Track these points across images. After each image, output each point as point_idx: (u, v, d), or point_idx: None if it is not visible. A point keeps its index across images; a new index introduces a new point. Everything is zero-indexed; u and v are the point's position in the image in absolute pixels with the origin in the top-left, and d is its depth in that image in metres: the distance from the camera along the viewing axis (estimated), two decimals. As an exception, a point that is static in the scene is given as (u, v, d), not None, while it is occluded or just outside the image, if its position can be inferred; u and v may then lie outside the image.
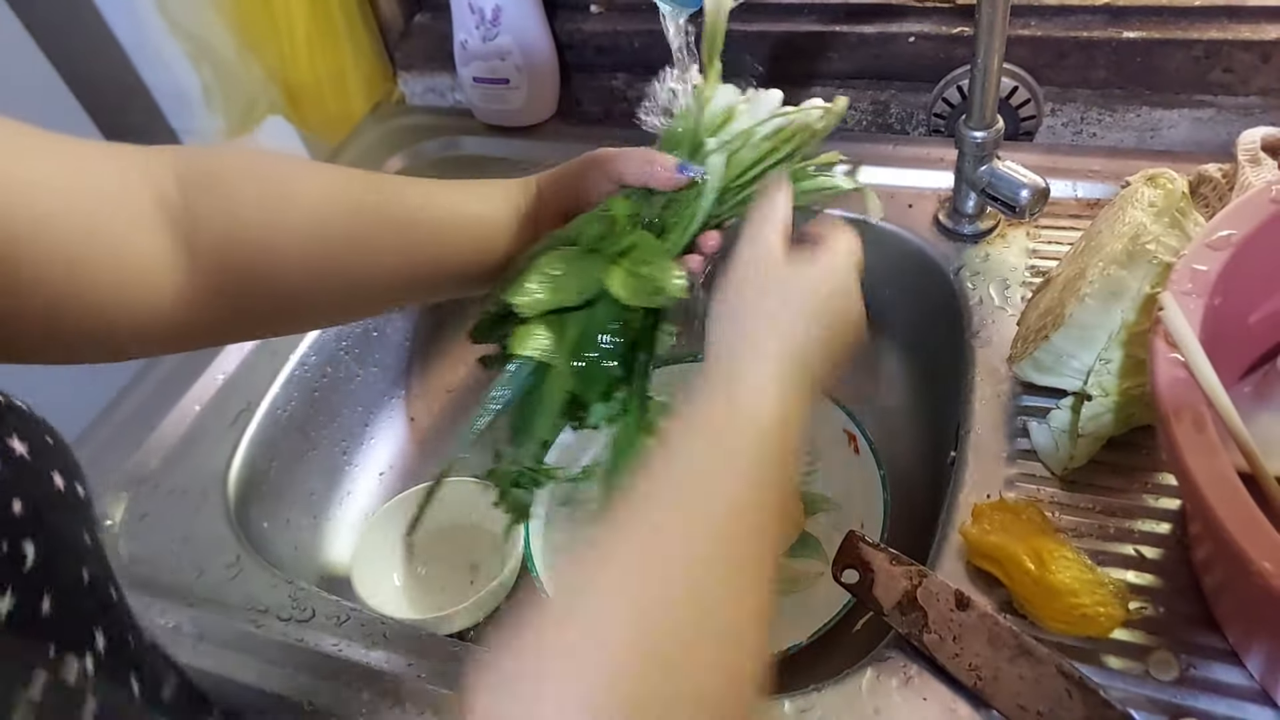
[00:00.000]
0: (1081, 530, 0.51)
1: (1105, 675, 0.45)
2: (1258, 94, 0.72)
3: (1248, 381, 0.52)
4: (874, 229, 0.75)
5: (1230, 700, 0.44)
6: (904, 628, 0.48)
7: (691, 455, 0.38)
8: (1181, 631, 0.47)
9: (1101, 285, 0.51)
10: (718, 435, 0.39)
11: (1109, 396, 0.52)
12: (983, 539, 0.50)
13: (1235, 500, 0.36)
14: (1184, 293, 0.44)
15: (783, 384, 0.41)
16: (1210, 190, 0.63)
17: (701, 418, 0.40)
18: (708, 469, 0.37)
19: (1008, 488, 0.54)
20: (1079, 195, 0.72)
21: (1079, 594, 0.47)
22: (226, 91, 0.91)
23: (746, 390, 0.40)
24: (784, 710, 0.48)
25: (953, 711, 0.46)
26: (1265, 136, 0.62)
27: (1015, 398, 0.59)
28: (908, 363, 0.80)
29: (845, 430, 0.75)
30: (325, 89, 0.93)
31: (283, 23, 0.88)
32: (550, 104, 0.92)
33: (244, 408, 0.72)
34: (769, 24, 0.84)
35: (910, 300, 0.76)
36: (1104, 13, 0.75)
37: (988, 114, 0.64)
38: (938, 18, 0.79)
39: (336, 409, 0.80)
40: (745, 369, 0.42)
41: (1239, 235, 0.46)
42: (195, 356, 0.76)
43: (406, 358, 0.88)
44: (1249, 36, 0.70)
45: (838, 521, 0.72)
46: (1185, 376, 0.41)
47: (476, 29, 0.87)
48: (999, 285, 0.67)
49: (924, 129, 0.84)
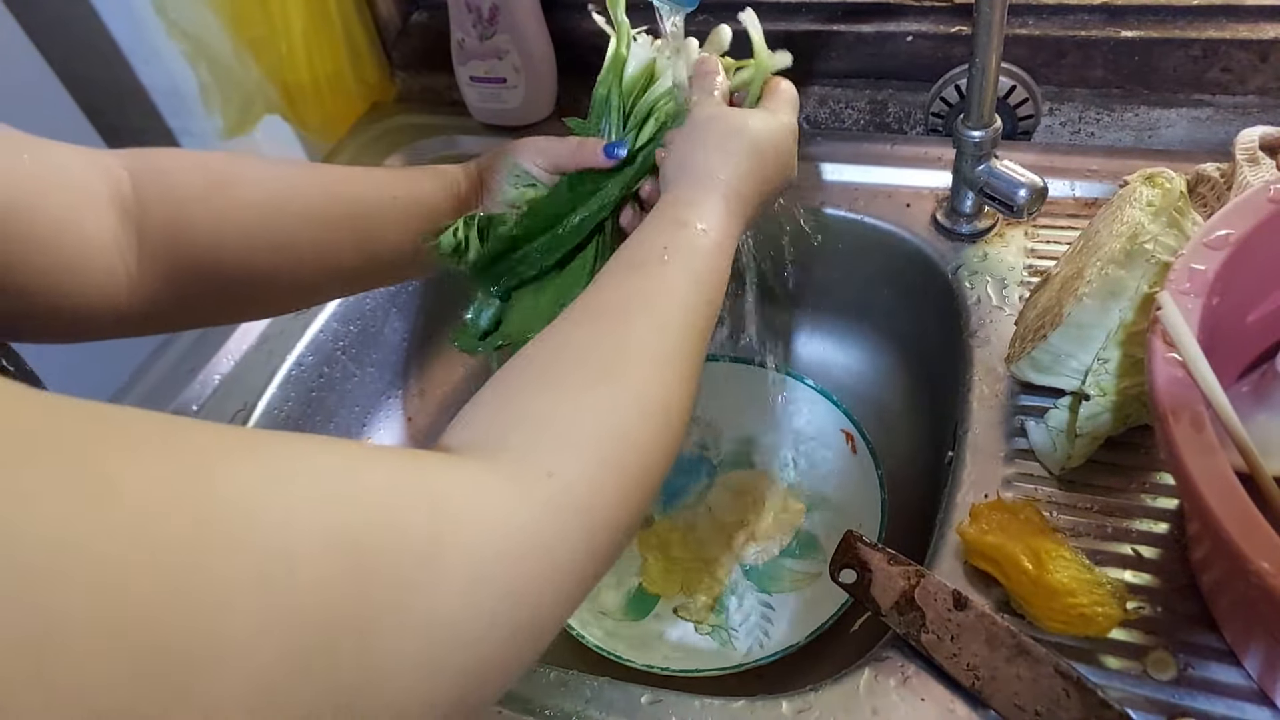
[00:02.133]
0: (1079, 530, 0.51)
1: (1103, 675, 0.45)
2: (1256, 93, 0.72)
3: (1246, 381, 0.52)
4: (871, 229, 0.75)
5: (1228, 700, 0.44)
6: (902, 628, 0.48)
7: (642, 263, 0.45)
8: (1179, 631, 0.46)
9: (1099, 285, 0.51)
10: (665, 248, 0.46)
11: (1107, 396, 0.52)
12: (980, 539, 0.50)
13: (1233, 500, 0.36)
14: (1182, 292, 0.44)
15: (723, 212, 0.49)
16: (1208, 189, 0.63)
17: (651, 235, 0.47)
18: (657, 273, 0.44)
19: (1005, 487, 0.54)
20: (1077, 194, 0.72)
21: (1077, 594, 0.47)
22: (224, 91, 0.91)
23: (693, 214, 0.48)
24: (781, 710, 0.47)
25: (950, 711, 0.46)
26: (1263, 136, 0.62)
27: (1013, 397, 0.59)
28: (905, 362, 0.80)
29: (843, 430, 0.75)
30: (323, 88, 0.93)
31: (280, 22, 0.87)
32: (548, 103, 0.92)
33: (241, 408, 0.72)
34: (766, 23, 0.83)
35: (908, 300, 0.76)
36: (1102, 12, 0.75)
37: (985, 113, 0.64)
38: (936, 17, 0.79)
39: (334, 409, 0.80)
40: (692, 197, 0.49)
41: (1237, 234, 0.46)
42: (192, 357, 0.76)
43: (404, 357, 0.88)
44: (1247, 36, 0.70)
45: (835, 521, 0.72)
46: (1183, 376, 0.41)
47: (474, 28, 0.87)
48: (997, 285, 0.67)
49: (922, 128, 0.84)
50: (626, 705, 0.49)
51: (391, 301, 0.86)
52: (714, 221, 0.48)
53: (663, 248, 0.46)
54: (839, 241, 0.78)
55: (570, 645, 0.66)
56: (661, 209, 0.50)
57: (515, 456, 0.33)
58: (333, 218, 0.53)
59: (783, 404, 0.79)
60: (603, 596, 0.70)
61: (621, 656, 0.64)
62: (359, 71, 0.96)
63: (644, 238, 0.47)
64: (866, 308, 0.81)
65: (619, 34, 0.55)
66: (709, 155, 0.52)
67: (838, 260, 0.79)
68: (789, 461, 0.77)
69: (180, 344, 0.77)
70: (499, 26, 0.86)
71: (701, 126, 0.53)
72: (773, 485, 0.76)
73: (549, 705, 0.50)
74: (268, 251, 0.51)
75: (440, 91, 0.99)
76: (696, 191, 0.50)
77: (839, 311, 0.83)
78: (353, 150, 0.95)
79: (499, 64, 0.88)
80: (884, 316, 0.80)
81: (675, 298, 0.43)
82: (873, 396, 0.80)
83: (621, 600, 0.70)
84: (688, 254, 0.46)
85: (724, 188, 0.50)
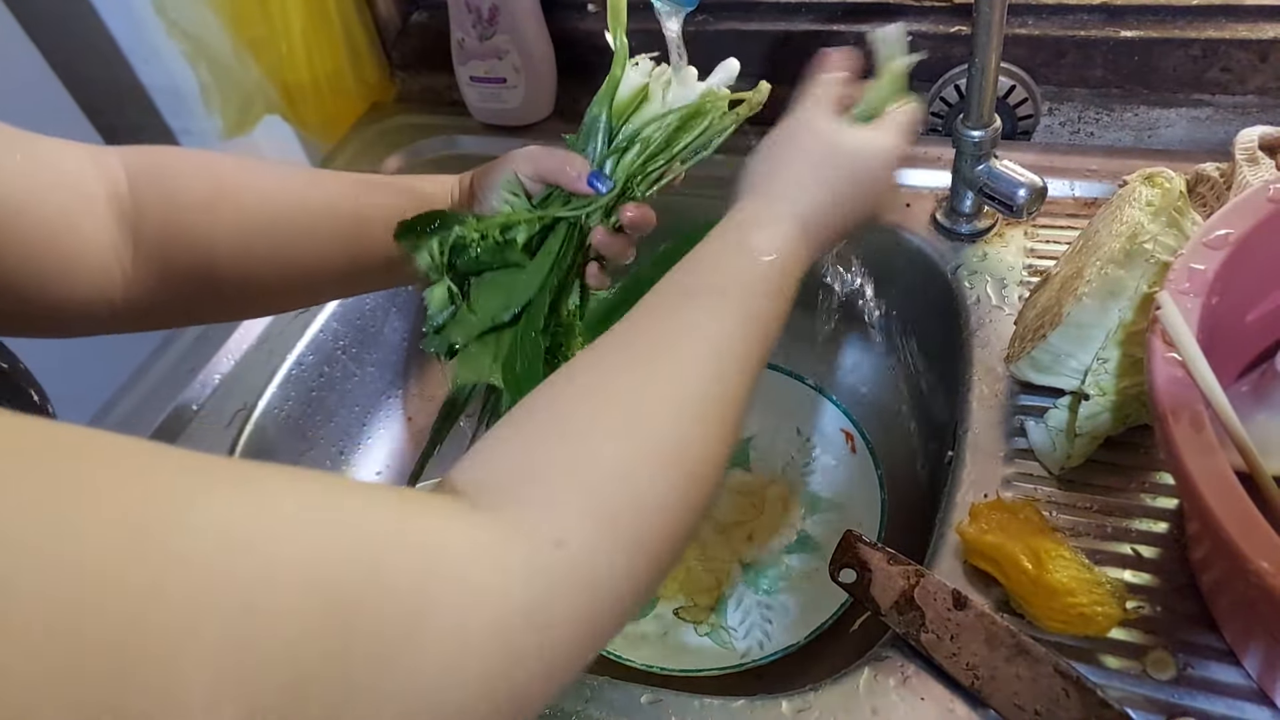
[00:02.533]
0: (1079, 529, 0.51)
1: (1102, 674, 0.45)
2: (1255, 93, 0.72)
3: (1245, 381, 0.52)
4: (871, 227, 0.75)
5: (1227, 699, 0.44)
6: (901, 627, 0.48)
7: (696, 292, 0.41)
8: (1179, 631, 0.46)
9: (1099, 284, 0.51)
10: (716, 264, 0.42)
11: (1106, 396, 0.52)
12: (980, 538, 0.50)
13: (1232, 499, 0.36)
14: (1181, 292, 0.44)
15: (797, 240, 0.44)
16: (1208, 189, 0.63)
17: (710, 257, 0.43)
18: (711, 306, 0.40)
19: (1005, 487, 0.54)
20: (1076, 194, 0.72)
21: (1076, 593, 0.47)
22: (224, 91, 0.91)
23: (762, 238, 0.43)
24: (781, 710, 0.47)
25: (950, 711, 0.46)
26: (1263, 135, 0.62)
27: (1012, 397, 0.59)
28: (905, 362, 0.80)
29: (843, 430, 0.75)
30: (322, 88, 0.93)
31: (280, 22, 0.87)
32: (547, 103, 0.92)
33: (241, 408, 0.72)
34: (766, 23, 0.84)
35: (907, 299, 0.76)
36: (1101, 12, 0.75)
37: (985, 113, 0.64)
38: (935, 17, 0.79)
39: (334, 409, 0.80)
40: (764, 217, 0.45)
41: (1236, 234, 0.46)
42: (192, 357, 0.76)
43: (404, 357, 0.88)
44: (1246, 35, 0.70)
45: (835, 521, 0.72)
46: (1183, 376, 0.41)
47: (474, 28, 0.87)
48: (996, 284, 0.67)
49: (921, 128, 0.84)
50: (626, 705, 0.49)
51: (391, 301, 0.86)
52: (784, 248, 0.43)
53: (721, 276, 0.41)
54: (838, 241, 0.78)
55: (570, 645, 0.66)
56: (728, 225, 0.45)
57: (525, 514, 0.30)
58: (332, 229, 0.52)
59: (782, 404, 0.79)
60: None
61: (621, 656, 0.64)
62: (359, 71, 0.96)
63: (703, 257, 0.43)
64: (866, 307, 0.81)
65: (617, 56, 0.55)
66: (796, 171, 0.46)
67: (837, 260, 0.79)
68: (789, 461, 0.77)
69: (180, 344, 0.77)
70: (499, 26, 0.86)
71: (796, 135, 0.48)
72: (772, 485, 0.76)
73: (548, 704, 0.50)
74: (265, 258, 0.50)
75: (440, 91, 0.99)
76: (771, 211, 0.45)
77: (838, 311, 0.83)
78: (352, 150, 0.95)
79: (499, 64, 0.88)
80: (884, 316, 0.80)
81: (726, 340, 0.39)
82: (872, 396, 0.80)
83: (621, 600, 0.70)
84: (748, 285, 0.41)
85: (804, 212, 0.45)
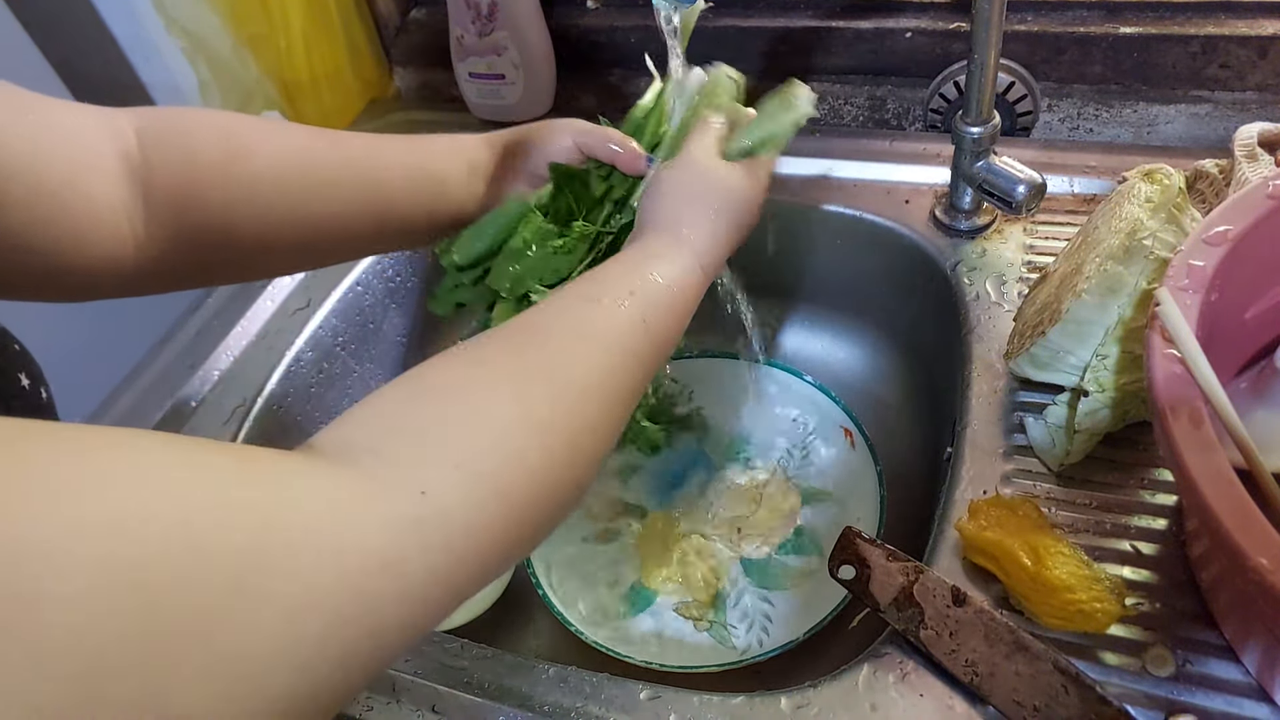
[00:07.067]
0: (1078, 526, 0.51)
1: (1101, 671, 0.46)
2: (1254, 89, 0.72)
3: (1244, 377, 0.52)
4: (870, 225, 0.75)
5: (1226, 696, 0.44)
6: (900, 624, 0.48)
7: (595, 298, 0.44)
8: (1178, 627, 0.47)
9: (1098, 281, 0.51)
10: (619, 281, 0.45)
11: (1105, 392, 0.52)
12: (979, 535, 0.50)
13: (1232, 496, 0.36)
14: (1180, 288, 0.44)
15: (689, 267, 0.49)
16: (1207, 186, 0.63)
17: (609, 275, 0.46)
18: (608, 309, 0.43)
19: (1004, 484, 0.54)
20: (1076, 191, 0.72)
21: (1075, 590, 0.47)
22: (223, 87, 0.91)
23: (660, 264, 0.47)
24: (780, 706, 0.48)
25: (949, 708, 0.46)
26: (1262, 132, 0.62)
27: (1012, 394, 0.59)
28: (904, 358, 0.80)
29: (842, 426, 0.75)
30: (321, 85, 0.93)
31: (279, 19, 0.87)
32: (546, 99, 0.92)
33: (240, 403, 0.72)
34: (766, 19, 0.84)
35: (906, 296, 0.76)
36: (1101, 8, 0.75)
37: (984, 109, 0.64)
38: (935, 13, 0.79)
39: (333, 405, 0.80)
40: (660, 249, 0.49)
41: (1236, 230, 0.46)
42: (192, 352, 0.76)
43: (403, 353, 0.88)
44: (1246, 32, 0.70)
45: (834, 517, 0.72)
46: (1182, 372, 0.41)
47: (473, 24, 0.87)
48: (995, 281, 0.67)
49: (920, 124, 0.84)
50: (625, 701, 0.49)
51: (390, 298, 0.86)
52: (684, 279, 0.48)
53: (620, 289, 0.44)
54: (838, 238, 0.78)
55: (569, 641, 0.67)
56: (627, 254, 0.49)
57: (388, 465, 0.30)
58: (348, 190, 0.52)
59: (782, 400, 0.79)
60: (601, 593, 0.71)
61: (620, 653, 0.64)
62: (358, 68, 0.96)
63: (607, 274, 0.46)
64: (865, 304, 0.81)
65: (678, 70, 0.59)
66: (688, 209, 0.51)
67: (836, 256, 0.79)
68: (788, 458, 0.77)
69: (180, 339, 0.77)
70: (498, 23, 0.86)
71: (690, 177, 0.52)
72: (771, 481, 0.76)
73: (548, 701, 0.50)
74: (281, 220, 0.50)
75: (439, 88, 0.99)
76: (666, 243, 0.49)
77: (838, 308, 0.83)
78: (351, 147, 0.94)
79: (498, 60, 0.88)
80: (883, 313, 0.80)
81: (619, 336, 0.42)
82: (872, 393, 0.80)
83: (620, 597, 0.70)
84: (647, 298, 0.45)
85: (701, 248, 0.50)
